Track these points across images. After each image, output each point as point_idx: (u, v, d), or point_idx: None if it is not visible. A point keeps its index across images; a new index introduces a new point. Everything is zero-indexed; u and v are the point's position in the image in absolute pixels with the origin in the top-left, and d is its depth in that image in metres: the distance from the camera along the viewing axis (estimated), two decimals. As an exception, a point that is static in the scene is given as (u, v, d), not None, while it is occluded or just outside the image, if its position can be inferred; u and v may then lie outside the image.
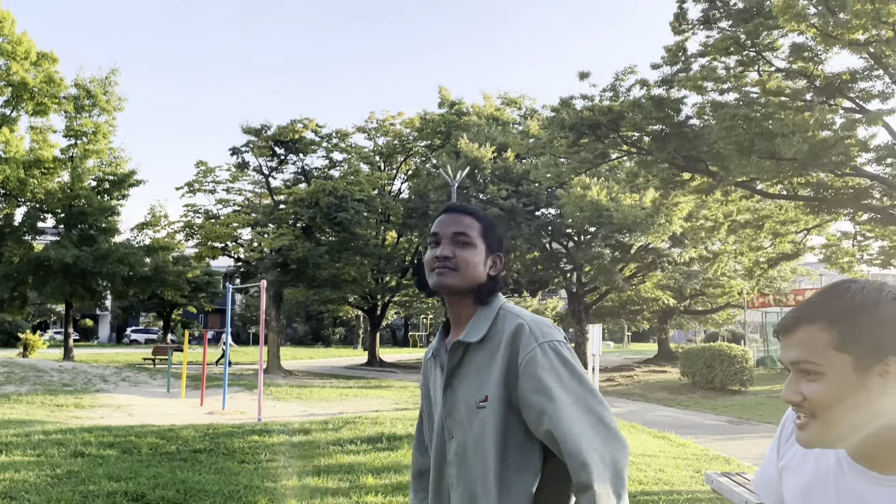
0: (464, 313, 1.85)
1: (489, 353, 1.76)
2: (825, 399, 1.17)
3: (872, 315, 1.16)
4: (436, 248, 1.85)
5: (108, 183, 30.26)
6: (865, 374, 1.14)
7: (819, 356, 1.18)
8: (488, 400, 1.72)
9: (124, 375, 22.99)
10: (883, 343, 1.14)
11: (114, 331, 63.73)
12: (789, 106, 13.64)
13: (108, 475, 7.24)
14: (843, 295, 1.20)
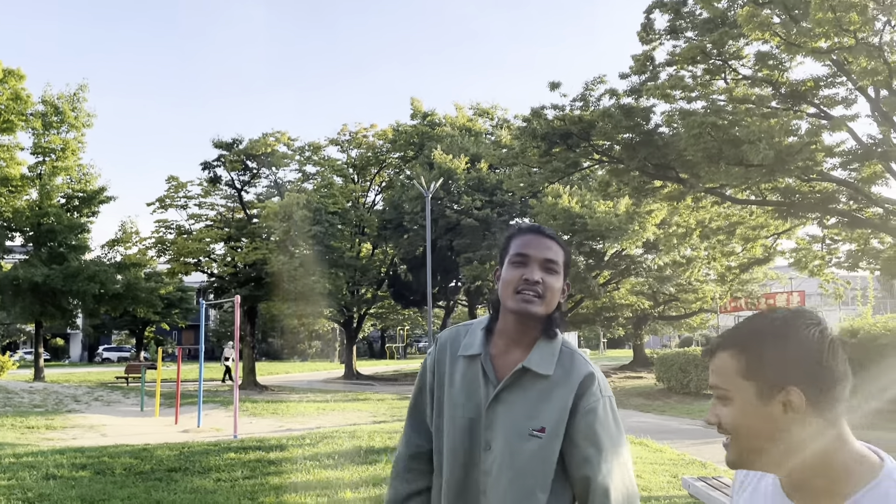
0: (527, 337, 1.90)
1: (550, 386, 1.85)
2: (734, 424, 1.20)
3: (777, 344, 1.17)
4: (522, 269, 1.87)
5: (78, 200, 29.87)
6: (768, 403, 1.17)
7: (728, 382, 1.21)
8: (546, 432, 1.82)
9: (97, 395, 22.64)
10: (785, 372, 1.16)
11: (85, 349, 62.72)
12: (755, 113, 13.88)
13: (81, 497, 7.13)
14: (757, 324, 1.22)
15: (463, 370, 1.93)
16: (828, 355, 1.16)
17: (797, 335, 1.17)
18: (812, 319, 1.19)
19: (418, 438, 2.02)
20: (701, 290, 32.94)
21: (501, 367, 1.90)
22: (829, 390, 1.16)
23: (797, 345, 1.17)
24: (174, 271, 29.43)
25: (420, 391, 2.04)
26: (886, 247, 16.84)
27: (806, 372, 1.16)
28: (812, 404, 1.15)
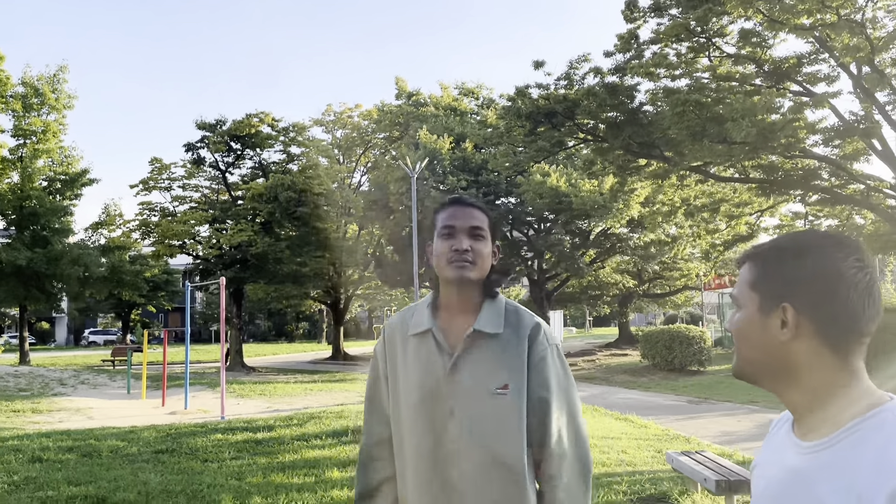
0: (470, 302, 1.98)
1: (503, 344, 1.93)
2: (738, 332, 1.22)
3: (789, 261, 1.16)
4: (451, 240, 1.96)
5: (60, 183, 29.57)
6: (767, 318, 1.16)
7: (741, 291, 1.22)
8: (509, 388, 1.89)
9: (83, 378, 22.59)
10: (782, 286, 1.15)
11: (71, 333, 62.44)
12: (739, 90, 13.92)
13: (68, 480, 7.13)
14: (783, 239, 1.21)
15: (415, 348, 1.97)
16: (849, 286, 1.11)
17: (817, 256, 1.14)
18: (848, 248, 1.14)
19: (379, 427, 2.04)
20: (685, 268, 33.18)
21: (453, 336, 1.95)
22: (843, 322, 1.12)
23: (812, 266, 1.14)
24: (159, 254, 29.27)
25: (375, 381, 2.06)
26: (867, 223, 17.00)
27: (813, 294, 1.12)
28: (819, 331, 1.12)
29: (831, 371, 1.13)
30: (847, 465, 1.06)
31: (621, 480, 7.26)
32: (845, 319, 1.11)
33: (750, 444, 10.33)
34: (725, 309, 32.37)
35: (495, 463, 1.87)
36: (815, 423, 1.15)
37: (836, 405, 1.12)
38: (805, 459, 1.14)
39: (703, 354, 21.98)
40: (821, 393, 1.14)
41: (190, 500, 6.27)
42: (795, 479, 1.14)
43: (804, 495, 1.11)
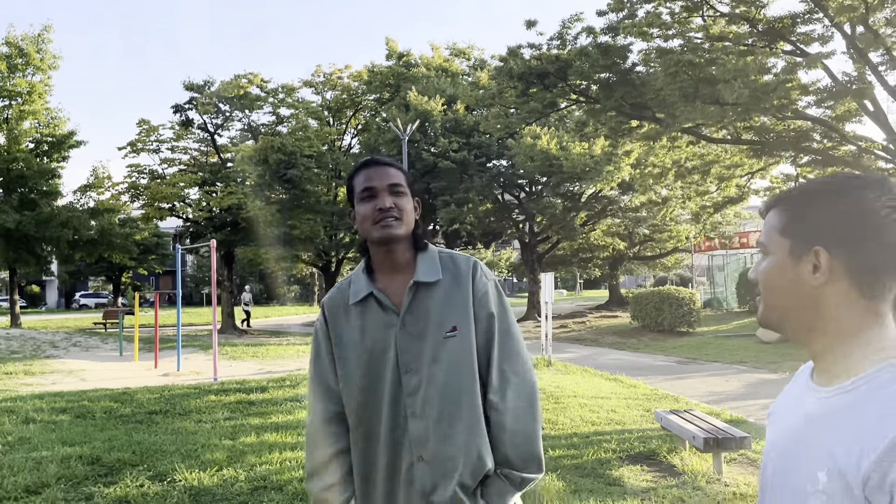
0: (402, 258, 2.00)
1: (445, 290, 1.97)
2: (766, 280, 1.20)
3: (822, 204, 1.14)
4: (374, 201, 1.96)
5: (47, 145, 29.23)
6: (798, 262, 1.15)
7: (769, 237, 1.21)
8: (457, 330, 1.93)
9: (75, 340, 22.61)
10: (814, 230, 1.14)
11: (62, 296, 62.34)
12: (732, 51, 13.80)
13: (62, 440, 7.18)
14: (814, 183, 1.18)
15: (359, 314, 1.98)
16: (882, 226, 1.09)
17: (854, 198, 1.12)
18: (881, 187, 1.12)
19: (327, 404, 2.02)
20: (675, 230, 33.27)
21: (394, 294, 1.98)
22: (876, 264, 1.10)
23: (847, 208, 1.12)
24: (148, 216, 29.11)
25: (317, 358, 2.06)
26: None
27: (848, 238, 1.11)
28: (851, 274, 1.11)
29: (860, 315, 1.12)
30: (857, 413, 1.06)
31: (611, 439, 7.37)
32: (879, 261, 1.10)
33: (737, 403, 10.48)
34: (715, 271, 32.55)
35: (456, 405, 1.91)
36: (836, 371, 1.14)
37: (859, 352, 1.11)
38: (820, 405, 1.14)
39: (693, 316, 22.17)
40: (847, 338, 1.13)
41: (184, 460, 6.33)
42: (808, 425, 1.15)
43: (815, 441, 1.11)
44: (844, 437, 1.06)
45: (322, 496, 1.99)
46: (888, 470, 0.98)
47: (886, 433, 1.00)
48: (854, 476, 1.02)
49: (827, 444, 1.08)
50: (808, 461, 1.11)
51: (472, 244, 37.81)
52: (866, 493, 1.00)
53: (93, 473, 5.95)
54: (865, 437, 1.02)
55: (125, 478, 5.77)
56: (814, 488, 1.08)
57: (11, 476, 5.75)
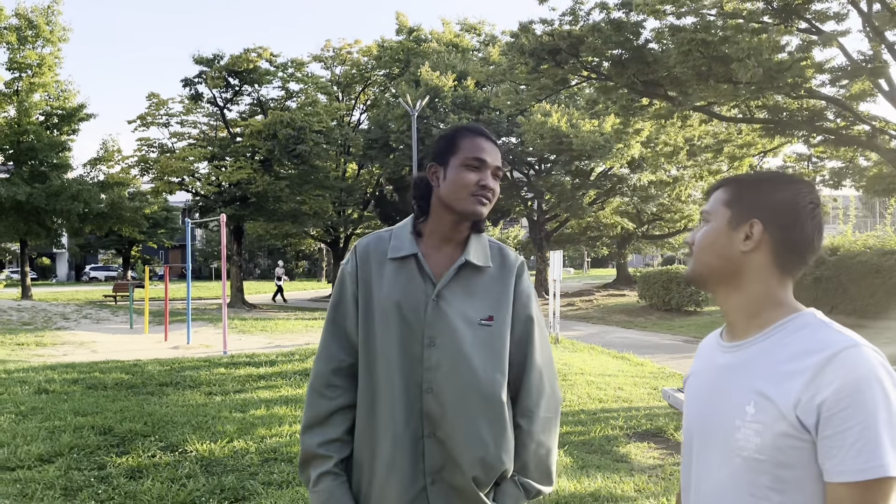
0: (459, 235, 1.96)
1: (489, 278, 1.94)
2: (702, 240, 1.45)
3: (759, 186, 1.42)
4: (479, 174, 1.91)
5: (57, 117, 29.27)
6: (735, 230, 1.40)
7: (713, 207, 1.46)
8: (494, 320, 1.90)
9: (85, 313, 22.78)
10: (754, 207, 1.39)
11: (72, 269, 62.71)
12: (745, 29, 13.64)
13: (74, 410, 7.26)
14: (759, 173, 1.47)
15: (394, 272, 1.91)
16: (806, 219, 1.37)
17: (791, 191, 1.39)
18: (811, 191, 1.40)
19: (340, 352, 1.93)
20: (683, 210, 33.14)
21: (437, 265, 1.92)
22: (792, 245, 1.38)
23: (784, 197, 1.39)
24: (158, 190, 29.16)
25: (340, 303, 1.96)
26: (871, 164, 16.91)
27: (779, 219, 1.38)
28: (773, 249, 1.38)
29: (772, 285, 1.39)
30: (776, 353, 1.33)
31: (618, 416, 7.40)
32: (797, 244, 1.38)
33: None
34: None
35: (474, 394, 1.85)
36: (746, 328, 1.41)
37: (767, 313, 1.38)
38: (734, 356, 1.41)
39: (700, 295, 22.13)
40: (758, 300, 1.39)
41: (195, 431, 6.40)
42: (726, 374, 1.41)
43: (736, 384, 1.37)
44: (768, 372, 1.32)
45: (319, 451, 1.88)
46: (815, 393, 1.23)
47: (809, 363, 1.26)
48: (784, 402, 1.26)
49: (750, 382, 1.34)
50: (732, 402, 1.35)
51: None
52: (797, 413, 1.25)
53: (105, 443, 6.02)
54: (788, 369, 1.29)
55: (137, 448, 5.84)
56: (743, 421, 1.32)
57: (25, 445, 5.83)
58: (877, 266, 15.96)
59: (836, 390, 1.22)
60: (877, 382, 1.23)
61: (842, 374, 1.23)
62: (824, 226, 1.42)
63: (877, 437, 1.20)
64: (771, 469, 1.29)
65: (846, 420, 1.21)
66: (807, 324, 1.34)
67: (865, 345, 1.28)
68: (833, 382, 1.23)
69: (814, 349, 1.28)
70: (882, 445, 1.20)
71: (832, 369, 1.24)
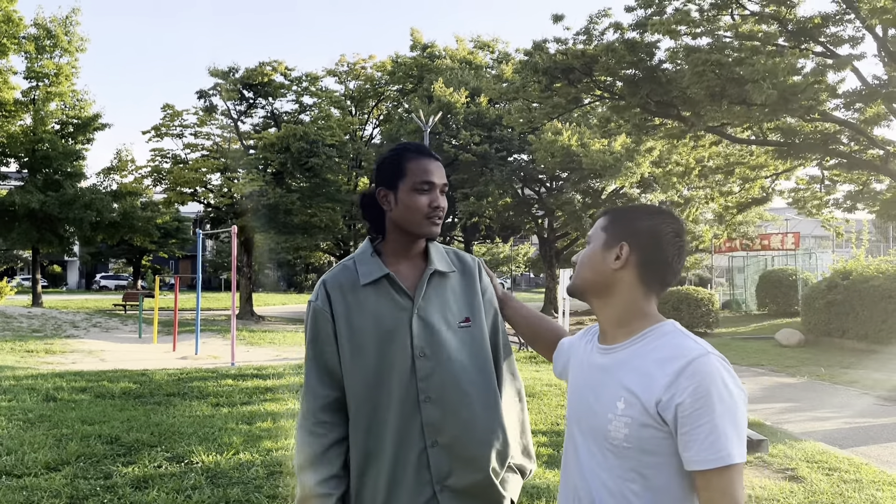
0: (416, 249, 2.04)
1: (454, 281, 2.03)
2: (583, 259, 1.73)
3: (632, 215, 1.69)
4: (430, 196, 1.97)
5: (72, 126, 29.53)
6: (609, 250, 1.67)
7: (593, 232, 1.73)
8: (471, 320, 2.00)
9: (95, 321, 22.85)
10: (624, 232, 1.66)
11: (83, 277, 63.01)
12: (761, 51, 13.65)
13: (82, 419, 7.26)
14: (632, 205, 1.79)
15: (371, 297, 1.93)
16: (667, 245, 1.65)
17: (656, 221, 1.67)
18: (674, 221, 1.68)
19: (325, 388, 1.94)
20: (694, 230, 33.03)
21: (408, 280, 1.98)
22: (654, 266, 1.65)
23: (650, 225, 1.66)
24: (170, 201, 29.32)
25: (316, 340, 1.96)
26: (886, 188, 16.83)
27: (643, 242, 1.64)
28: (638, 268, 1.65)
29: (638, 298, 1.66)
30: (641, 358, 1.59)
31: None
32: (658, 266, 1.65)
33: (754, 406, 10.40)
34: (735, 272, 32.30)
35: (471, 393, 1.92)
36: (618, 334, 1.67)
37: (634, 322, 1.65)
38: (609, 358, 1.67)
39: (711, 317, 21.99)
40: (626, 311, 1.66)
41: (202, 442, 6.38)
42: (601, 373, 1.67)
43: (609, 382, 1.63)
44: (635, 374, 1.58)
45: (318, 490, 1.87)
46: (674, 394, 1.49)
47: (668, 368, 1.52)
48: (647, 398, 1.53)
49: (620, 382, 1.59)
50: (606, 397, 1.61)
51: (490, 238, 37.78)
52: (658, 409, 1.51)
53: (112, 452, 6.01)
54: (652, 373, 1.54)
55: (143, 458, 5.83)
56: (614, 414, 1.58)
57: (32, 453, 5.83)
58: (889, 291, 15.82)
59: (691, 394, 1.47)
60: (723, 387, 1.48)
61: (696, 380, 1.48)
62: (685, 253, 1.70)
63: (724, 432, 1.46)
64: (637, 455, 1.55)
65: (699, 419, 1.46)
66: (667, 332, 1.61)
67: (713, 353, 1.53)
68: (688, 387, 1.48)
69: (673, 355, 1.54)
70: (728, 438, 1.46)
71: (687, 376, 1.49)
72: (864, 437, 8.05)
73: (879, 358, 14.47)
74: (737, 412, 1.49)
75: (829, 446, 7.36)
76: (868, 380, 12.10)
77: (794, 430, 8.07)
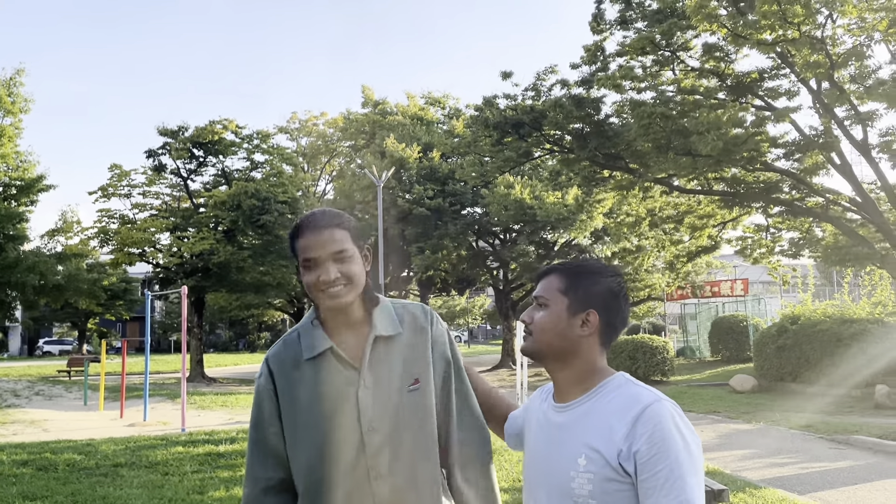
0: (356, 315, 1.91)
1: (403, 343, 1.91)
2: (542, 323, 1.70)
3: (591, 279, 1.69)
4: (316, 271, 1.83)
5: (15, 188, 28.81)
6: (574, 317, 1.67)
7: (550, 294, 1.70)
8: (419, 382, 1.88)
9: (38, 389, 21.98)
10: (588, 298, 1.67)
11: (25, 343, 60.83)
12: (703, 104, 14.12)
13: (23, 494, 6.89)
14: (582, 262, 1.75)
15: (314, 371, 1.86)
16: (623, 303, 1.71)
17: (610, 280, 1.70)
18: (618, 273, 1.74)
19: (268, 471, 1.88)
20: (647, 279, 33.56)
21: (351, 350, 1.88)
22: (614, 326, 1.70)
23: (608, 286, 1.69)
24: (118, 262, 28.65)
25: (260, 421, 1.91)
26: (827, 235, 17.36)
27: (607, 307, 1.68)
28: (601, 330, 1.68)
29: (596, 357, 1.69)
30: (599, 411, 1.61)
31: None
32: (616, 324, 1.70)
33: (713, 454, 10.42)
34: (687, 319, 32.77)
35: (424, 463, 1.85)
36: (573, 392, 1.69)
37: (590, 379, 1.68)
38: (566, 416, 1.68)
39: (666, 364, 22.18)
40: (586, 371, 1.68)
41: (151, 516, 6.09)
42: (560, 431, 1.67)
43: (569, 440, 1.63)
44: (594, 429, 1.59)
45: None
46: (631, 443, 1.51)
47: (625, 418, 1.54)
48: (608, 451, 1.53)
49: (580, 438, 1.60)
50: (566, 455, 1.61)
51: (446, 291, 37.76)
52: (620, 460, 1.51)
53: (54, 531, 5.70)
54: (610, 425, 1.56)
55: (88, 536, 5.53)
56: (576, 472, 1.57)
57: (-33, 534, 5.49)
58: (837, 335, 16.18)
59: (646, 440, 1.49)
60: (676, 432, 1.50)
61: (650, 426, 1.50)
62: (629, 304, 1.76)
63: (681, 475, 1.47)
64: None
65: (656, 464, 1.48)
66: (620, 385, 1.65)
67: (665, 399, 1.57)
68: (643, 434, 1.50)
69: (628, 404, 1.56)
70: (685, 481, 1.47)
71: (641, 423, 1.51)
72: (822, 482, 8.10)
73: (831, 401, 14.70)
74: (692, 456, 1.50)
75: (788, 493, 7.38)
76: (821, 424, 12.25)
77: (753, 478, 8.09)
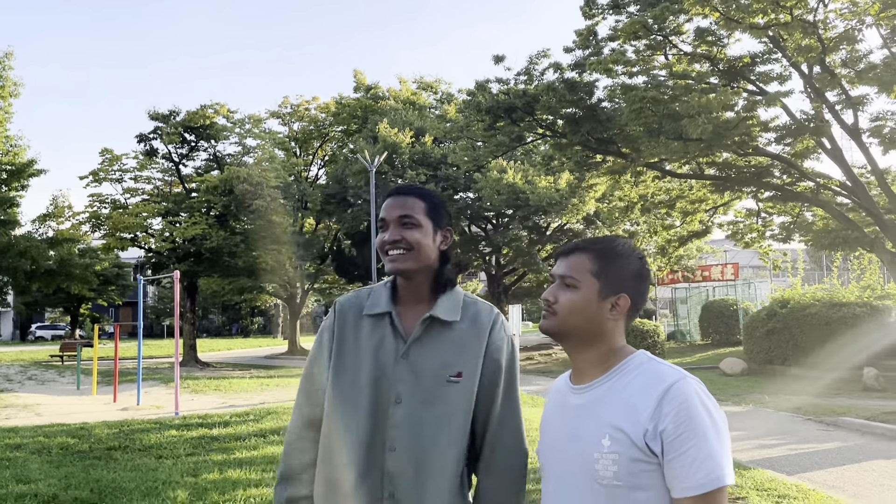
0: (421, 291, 1.94)
1: (460, 333, 1.90)
2: (570, 304, 1.64)
3: (622, 261, 1.65)
4: (383, 233, 1.92)
5: (6, 173, 28.61)
6: (605, 299, 1.63)
7: (581, 275, 1.65)
8: (462, 376, 1.86)
9: (30, 374, 21.97)
10: (622, 282, 1.64)
11: (17, 328, 60.65)
12: (695, 88, 14.12)
13: (17, 477, 6.92)
14: (611, 243, 1.69)
15: (369, 329, 1.92)
16: (647, 284, 1.69)
17: (637, 261, 1.67)
18: (641, 255, 1.70)
19: (310, 407, 1.95)
20: (640, 264, 33.62)
21: (408, 322, 1.92)
22: (637, 307, 1.67)
23: (636, 268, 1.66)
24: (109, 247, 28.58)
25: (317, 357, 1.97)
26: (817, 219, 17.44)
27: (636, 289, 1.66)
28: (628, 314, 1.65)
29: (618, 337, 1.66)
30: (621, 390, 1.57)
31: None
32: (640, 305, 1.67)
33: (704, 435, 10.53)
34: (678, 304, 32.92)
35: (442, 456, 1.84)
36: (593, 372, 1.65)
37: (613, 358, 1.64)
38: (586, 397, 1.64)
39: (657, 348, 22.32)
40: (608, 352, 1.65)
41: (145, 497, 6.14)
42: (580, 414, 1.62)
43: (590, 421, 1.58)
44: (617, 408, 1.54)
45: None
46: (658, 422, 1.47)
47: (650, 397, 1.50)
48: (634, 431, 1.49)
49: (603, 418, 1.55)
50: (588, 436, 1.57)
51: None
52: (646, 440, 1.48)
53: (48, 513, 5.73)
54: (634, 404, 1.52)
55: (82, 517, 5.57)
56: (600, 453, 1.53)
57: (-38, 516, 5.52)
58: (826, 318, 16.32)
59: (672, 419, 1.46)
60: (703, 409, 1.47)
61: (676, 404, 1.47)
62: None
63: (710, 453, 1.44)
64: (628, 493, 1.50)
65: (683, 444, 1.44)
66: (642, 363, 1.61)
67: (688, 376, 1.53)
68: (669, 413, 1.47)
69: (652, 383, 1.53)
70: (715, 460, 1.43)
71: (667, 402, 1.48)
72: (810, 463, 8.20)
73: (820, 384, 14.84)
74: (719, 433, 1.47)
75: (778, 473, 7.48)
76: (810, 406, 12.38)
77: (743, 459, 8.18)
